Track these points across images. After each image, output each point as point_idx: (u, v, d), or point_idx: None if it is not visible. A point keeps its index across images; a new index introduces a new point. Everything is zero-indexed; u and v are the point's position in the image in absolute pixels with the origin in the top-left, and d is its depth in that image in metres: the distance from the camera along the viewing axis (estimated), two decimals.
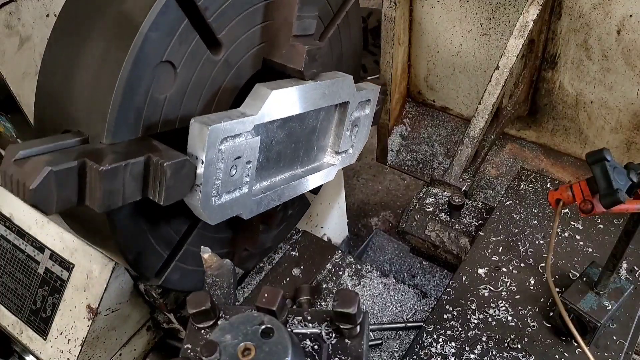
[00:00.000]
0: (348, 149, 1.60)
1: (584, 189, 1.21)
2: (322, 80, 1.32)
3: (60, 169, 0.89)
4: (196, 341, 0.93)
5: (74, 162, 0.92)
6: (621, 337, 1.47)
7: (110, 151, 0.98)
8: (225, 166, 1.14)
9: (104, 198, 0.95)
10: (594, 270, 1.46)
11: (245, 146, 1.16)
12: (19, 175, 0.88)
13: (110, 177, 0.93)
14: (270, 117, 1.21)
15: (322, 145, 1.54)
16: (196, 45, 1.10)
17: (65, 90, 1.06)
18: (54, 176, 0.88)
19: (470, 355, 1.46)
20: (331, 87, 1.34)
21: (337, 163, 1.57)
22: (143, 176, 1.01)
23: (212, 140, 1.06)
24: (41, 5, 1.36)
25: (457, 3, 2.74)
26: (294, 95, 1.24)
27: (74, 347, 1.58)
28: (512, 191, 1.92)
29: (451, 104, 3.21)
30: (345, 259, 1.89)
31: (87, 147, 1.00)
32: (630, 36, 2.35)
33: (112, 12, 1.03)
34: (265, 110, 1.17)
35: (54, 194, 0.91)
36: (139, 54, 0.98)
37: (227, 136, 1.11)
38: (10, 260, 1.70)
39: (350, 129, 1.53)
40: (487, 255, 1.71)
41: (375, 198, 3.57)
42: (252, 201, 1.31)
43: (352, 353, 0.91)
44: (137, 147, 1.02)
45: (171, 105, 1.13)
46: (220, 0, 1.10)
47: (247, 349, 0.79)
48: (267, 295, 0.90)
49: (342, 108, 1.47)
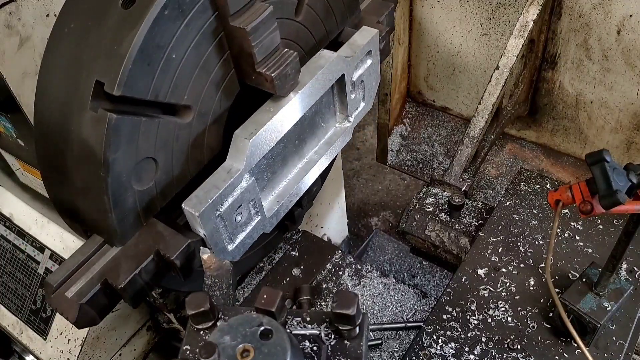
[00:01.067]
0: (358, 106, 1.51)
1: (584, 189, 1.21)
2: (305, 81, 1.24)
3: (88, 299, 1.06)
4: (195, 342, 0.93)
5: (97, 286, 1.07)
6: (621, 337, 1.46)
7: (123, 258, 1.10)
8: (229, 222, 1.16)
9: (132, 298, 1.10)
10: (594, 271, 1.46)
11: (242, 194, 1.16)
12: (61, 310, 1.06)
13: (129, 287, 1.07)
14: (261, 155, 1.18)
15: (329, 117, 1.47)
16: (163, 125, 1.08)
17: None
18: (86, 306, 1.06)
19: (469, 355, 1.46)
20: (317, 82, 1.27)
21: (351, 122, 1.48)
22: (157, 266, 1.12)
23: (205, 219, 1.09)
24: (41, 5, 1.36)
25: (457, 3, 2.74)
26: (278, 122, 1.20)
27: (74, 347, 1.58)
28: (511, 192, 1.91)
29: (451, 104, 3.21)
30: (345, 259, 1.89)
31: (105, 256, 1.11)
32: (630, 36, 2.35)
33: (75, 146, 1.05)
34: (251, 156, 1.14)
35: (93, 313, 1.08)
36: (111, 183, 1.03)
37: (222, 204, 1.12)
38: (10, 260, 1.70)
39: (355, 89, 1.44)
40: (487, 255, 1.71)
41: (375, 198, 3.57)
42: (269, 219, 1.31)
43: (352, 354, 0.91)
44: (145, 243, 1.11)
45: (161, 183, 1.13)
46: (167, 80, 1.04)
47: (246, 350, 0.79)
48: (266, 296, 0.90)
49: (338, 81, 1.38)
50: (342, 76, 1.36)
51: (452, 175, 2.16)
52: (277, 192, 1.37)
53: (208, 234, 1.11)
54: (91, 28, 1.02)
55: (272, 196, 1.36)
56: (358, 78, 1.43)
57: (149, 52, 0.96)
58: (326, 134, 1.48)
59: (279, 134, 1.22)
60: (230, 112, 1.24)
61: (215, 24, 1.07)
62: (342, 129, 1.48)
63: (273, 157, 1.31)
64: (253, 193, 1.19)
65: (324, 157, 1.45)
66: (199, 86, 1.12)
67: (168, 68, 1.02)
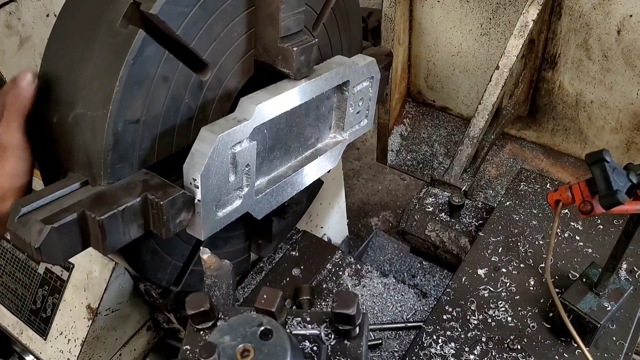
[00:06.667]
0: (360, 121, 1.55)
1: (584, 189, 1.21)
2: (318, 73, 1.28)
3: (60, 224, 0.93)
4: (195, 342, 0.93)
5: (74, 214, 0.95)
6: (621, 337, 1.46)
7: (108, 194, 1.01)
8: (223, 177, 1.12)
9: (108, 242, 0.99)
10: (594, 271, 1.46)
11: (243, 151, 1.14)
12: (24, 234, 0.93)
13: (109, 223, 0.97)
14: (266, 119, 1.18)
15: (323, 129, 1.49)
16: (180, 73, 1.09)
17: None
18: (55, 232, 0.93)
19: (469, 355, 1.46)
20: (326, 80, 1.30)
21: (345, 138, 1.51)
22: (142, 214, 1.04)
23: (220, 151, 1.06)
24: (41, 5, 1.36)
25: (457, 3, 2.74)
26: (285, 100, 1.21)
27: (74, 347, 1.58)
28: (511, 192, 1.92)
29: (451, 104, 3.21)
30: (345, 259, 1.89)
31: (86, 191, 1.02)
32: (630, 36, 2.35)
33: None
34: (258, 117, 1.14)
35: (59, 247, 0.95)
36: None
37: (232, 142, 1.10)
38: (10, 260, 1.70)
39: (355, 103, 1.47)
40: (487, 255, 1.71)
41: (375, 198, 3.57)
42: (258, 200, 1.29)
43: (352, 354, 0.91)
44: (133, 185, 1.04)
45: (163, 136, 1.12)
46: (199, 25, 1.07)
47: (246, 350, 0.79)
48: (266, 296, 0.90)
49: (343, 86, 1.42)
50: (346, 84, 1.39)
51: (452, 175, 2.16)
52: (270, 177, 1.37)
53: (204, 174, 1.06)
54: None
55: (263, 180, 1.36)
56: (359, 93, 1.46)
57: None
58: (317, 145, 1.50)
59: (281, 113, 1.23)
60: (239, 95, 1.25)
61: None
62: (335, 142, 1.51)
63: (273, 132, 1.30)
64: (250, 157, 1.17)
65: (312, 165, 1.45)
66: (221, 48, 1.14)
67: (203, 12, 1.04)
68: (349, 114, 1.46)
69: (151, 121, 1.07)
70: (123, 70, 0.97)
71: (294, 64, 1.17)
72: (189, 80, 1.12)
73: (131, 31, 0.97)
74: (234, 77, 1.23)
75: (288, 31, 1.16)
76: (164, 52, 1.03)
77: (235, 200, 1.21)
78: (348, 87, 1.40)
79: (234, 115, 1.13)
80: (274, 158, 1.36)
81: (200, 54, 1.11)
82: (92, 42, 1.02)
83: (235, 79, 1.24)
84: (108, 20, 1.00)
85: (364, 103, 1.49)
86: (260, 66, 1.26)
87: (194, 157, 1.06)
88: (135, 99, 1.02)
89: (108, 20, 1.00)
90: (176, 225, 1.07)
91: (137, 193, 1.02)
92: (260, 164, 1.30)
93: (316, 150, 1.48)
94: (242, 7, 1.14)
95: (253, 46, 1.22)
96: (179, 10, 1.01)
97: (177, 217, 1.06)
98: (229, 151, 1.10)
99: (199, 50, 1.10)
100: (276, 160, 1.37)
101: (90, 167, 1.03)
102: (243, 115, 1.13)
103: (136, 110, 1.03)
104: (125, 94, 0.99)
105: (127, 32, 0.97)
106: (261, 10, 1.15)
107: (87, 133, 1.02)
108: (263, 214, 1.33)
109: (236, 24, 1.15)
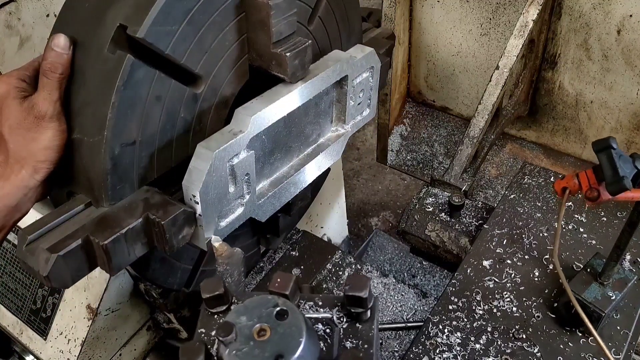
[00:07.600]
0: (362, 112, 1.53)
1: (590, 177, 1.24)
2: (315, 73, 1.26)
3: (66, 252, 0.96)
4: (209, 326, 0.94)
5: (78, 240, 0.98)
6: (625, 327, 1.48)
7: (110, 217, 1.03)
8: (222, 190, 1.12)
9: (114, 263, 1.02)
10: (598, 262, 1.48)
11: (241, 161, 1.13)
12: (32, 263, 0.96)
13: (113, 246, 0.99)
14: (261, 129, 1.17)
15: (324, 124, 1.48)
16: (174, 89, 1.08)
17: None
18: (62, 260, 0.96)
19: (475, 345, 1.47)
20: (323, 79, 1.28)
21: (347, 130, 1.49)
22: (145, 233, 1.06)
23: (217, 164, 1.05)
24: (41, 5, 1.36)
25: (457, 3, 2.74)
26: (281, 106, 1.20)
27: (74, 347, 1.58)
28: (516, 185, 1.93)
29: (451, 104, 3.21)
30: (345, 259, 1.89)
31: (89, 214, 1.04)
32: (630, 36, 2.35)
33: None
34: (253, 128, 1.13)
35: (67, 272, 0.98)
36: None
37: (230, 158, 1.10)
38: (10, 260, 1.70)
39: (355, 95, 1.45)
40: (492, 247, 1.72)
41: (375, 198, 3.57)
42: (260, 204, 1.28)
43: (363, 337, 0.92)
44: (135, 206, 1.06)
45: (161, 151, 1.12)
46: (188, 40, 1.05)
47: (263, 329, 0.80)
48: (280, 280, 0.90)
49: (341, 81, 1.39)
50: (344, 79, 1.37)
51: (452, 175, 2.16)
52: (271, 179, 1.36)
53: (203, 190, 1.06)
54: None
55: (265, 183, 1.35)
56: (359, 85, 1.44)
57: (175, 5, 0.98)
58: (319, 140, 1.48)
59: (279, 118, 1.22)
60: (236, 100, 1.24)
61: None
62: (337, 136, 1.49)
63: (271, 136, 1.29)
64: (249, 166, 1.17)
65: (315, 163, 1.44)
66: (213, 59, 1.13)
67: (191, 27, 1.03)
68: (349, 106, 1.44)
69: (148, 140, 1.07)
70: (114, 96, 0.96)
71: (289, 69, 1.15)
72: (183, 94, 1.10)
73: (119, 57, 0.96)
74: (230, 85, 1.21)
75: (280, 36, 1.14)
76: (155, 72, 1.01)
77: (237, 208, 1.21)
78: (347, 82, 1.38)
79: (230, 127, 1.12)
80: (275, 160, 1.35)
81: (192, 68, 1.09)
82: (83, 67, 1.02)
83: (231, 86, 1.22)
84: (97, 46, 0.99)
85: (364, 94, 1.46)
86: (257, 69, 1.24)
87: (192, 174, 1.07)
88: (130, 122, 1.01)
89: (97, 46, 0.99)
90: (179, 241, 1.08)
91: (139, 214, 1.04)
92: (260, 168, 1.30)
93: (318, 145, 1.46)
94: (232, 15, 1.12)
95: (247, 51, 1.20)
96: (166, 29, 1.00)
97: (180, 234, 1.08)
98: (226, 165, 1.10)
99: (191, 65, 1.08)
100: (277, 162, 1.36)
101: (91, 190, 1.04)
102: (239, 127, 1.11)
103: (131, 133, 1.03)
104: (118, 119, 0.99)
105: (115, 57, 0.96)
106: (251, 17, 1.13)
107: (86, 158, 1.03)
108: (267, 216, 1.33)
109: (227, 33, 1.13)
